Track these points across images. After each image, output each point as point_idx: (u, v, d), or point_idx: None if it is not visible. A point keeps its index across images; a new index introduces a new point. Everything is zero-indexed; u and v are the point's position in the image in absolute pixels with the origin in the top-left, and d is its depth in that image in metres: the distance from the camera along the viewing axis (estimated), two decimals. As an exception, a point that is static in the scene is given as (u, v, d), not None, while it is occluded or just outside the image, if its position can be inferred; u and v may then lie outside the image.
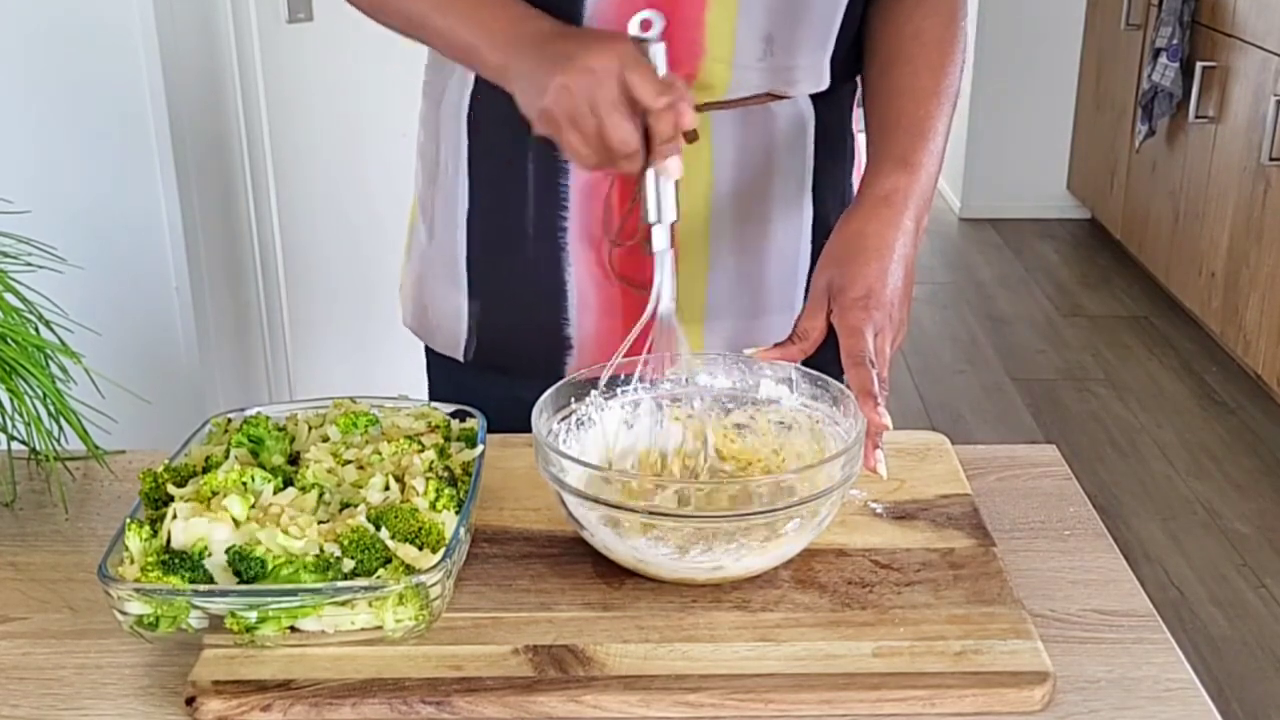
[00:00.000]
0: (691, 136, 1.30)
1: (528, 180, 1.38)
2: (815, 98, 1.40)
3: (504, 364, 1.48)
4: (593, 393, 1.23)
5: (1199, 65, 4.47)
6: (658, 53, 1.18)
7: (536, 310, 1.44)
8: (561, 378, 1.25)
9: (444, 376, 1.56)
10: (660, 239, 1.22)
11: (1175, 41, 4.60)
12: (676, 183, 1.19)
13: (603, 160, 1.17)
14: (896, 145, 1.33)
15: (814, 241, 1.45)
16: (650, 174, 1.19)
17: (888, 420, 1.16)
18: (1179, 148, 4.74)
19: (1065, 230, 5.93)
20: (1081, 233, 5.90)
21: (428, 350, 1.56)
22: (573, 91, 1.15)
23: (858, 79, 1.45)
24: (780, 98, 1.37)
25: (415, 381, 1.58)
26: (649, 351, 1.24)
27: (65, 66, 2.18)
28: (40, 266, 1.26)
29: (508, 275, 1.44)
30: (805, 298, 1.28)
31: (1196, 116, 4.51)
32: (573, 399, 1.22)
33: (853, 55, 1.42)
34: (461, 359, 1.50)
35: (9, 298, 1.22)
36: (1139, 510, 3.55)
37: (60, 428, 1.23)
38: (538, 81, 1.18)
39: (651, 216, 1.21)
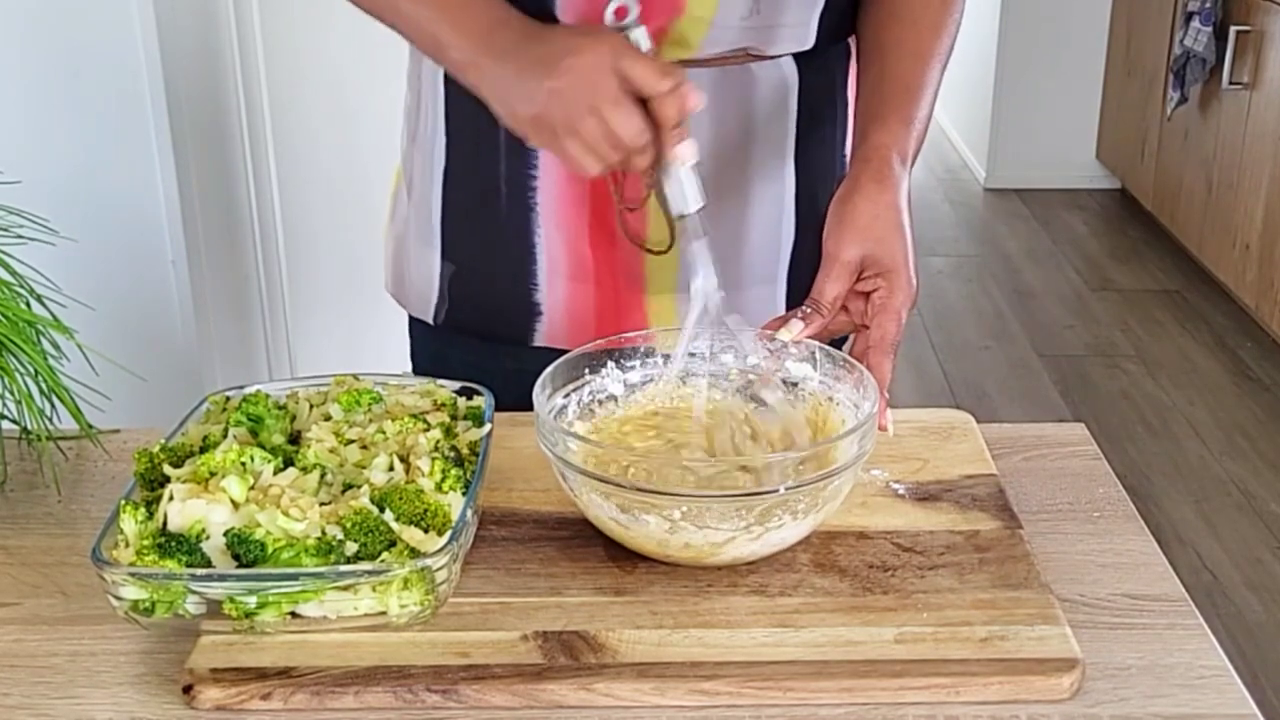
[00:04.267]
0: None
1: (499, 136, 1.37)
2: (800, 60, 1.39)
3: (474, 328, 1.49)
4: (609, 364, 1.23)
5: (1233, 29, 4.45)
6: (640, 38, 1.18)
7: (506, 274, 1.45)
8: (531, 345, 1.24)
9: (422, 343, 1.58)
10: (696, 228, 1.21)
11: (1208, 5, 4.58)
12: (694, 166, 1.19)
13: (611, 160, 1.16)
14: (902, 105, 1.32)
15: (798, 212, 1.44)
16: (672, 166, 1.18)
17: (890, 427, 1.19)
18: (1212, 115, 4.72)
19: (1094, 201, 5.92)
20: (1111, 204, 5.88)
21: (409, 317, 1.58)
22: (566, 95, 1.14)
23: (850, 41, 1.44)
24: (760, 57, 1.36)
25: (418, 360, 1.59)
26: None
27: (59, 34, 2.17)
28: (31, 239, 1.26)
29: (480, 236, 1.45)
30: (815, 263, 1.27)
31: (1230, 83, 4.49)
32: (586, 370, 1.22)
33: (847, 14, 1.41)
34: (432, 321, 1.52)
35: (-1, 271, 1.22)
36: (1171, 491, 3.55)
37: (52, 406, 1.23)
38: (521, 89, 1.17)
39: (678, 208, 1.20)
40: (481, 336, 1.49)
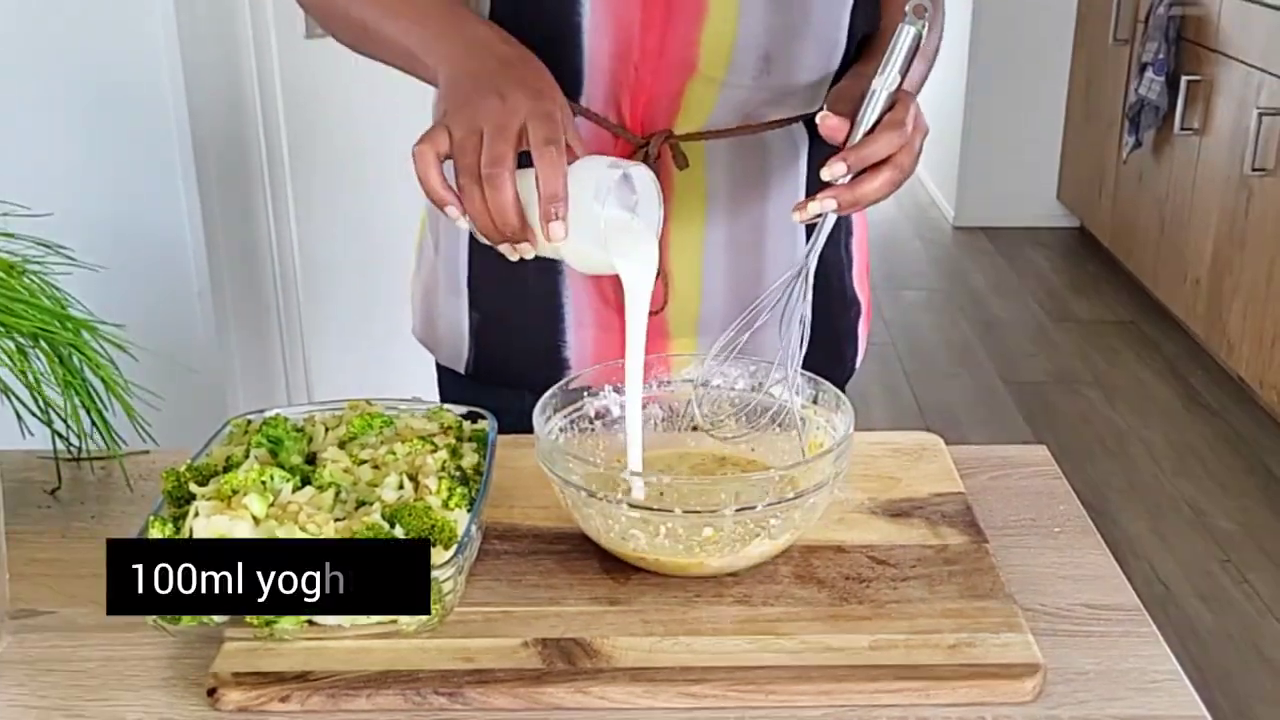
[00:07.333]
0: (682, 163, 1.29)
1: None
2: (809, 123, 1.37)
3: (503, 378, 1.47)
4: (606, 389, 1.23)
5: (1184, 79, 4.47)
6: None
7: (534, 330, 1.43)
8: None
9: (452, 389, 1.55)
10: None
11: (1161, 56, 4.60)
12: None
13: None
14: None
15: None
16: None
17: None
18: (1165, 159, 4.74)
19: (1055, 238, 5.93)
20: (1071, 241, 5.89)
21: (437, 363, 1.56)
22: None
23: None
24: (772, 124, 1.35)
25: (427, 386, 1.58)
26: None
27: (90, 75, 2.18)
28: (66, 272, 1.26)
29: (506, 292, 1.42)
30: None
31: (1182, 129, 4.51)
32: (585, 394, 1.23)
33: None
34: (463, 371, 1.50)
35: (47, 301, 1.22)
36: (1126, 508, 3.55)
37: (105, 424, 1.24)
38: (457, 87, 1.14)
39: None
40: (511, 385, 1.45)
